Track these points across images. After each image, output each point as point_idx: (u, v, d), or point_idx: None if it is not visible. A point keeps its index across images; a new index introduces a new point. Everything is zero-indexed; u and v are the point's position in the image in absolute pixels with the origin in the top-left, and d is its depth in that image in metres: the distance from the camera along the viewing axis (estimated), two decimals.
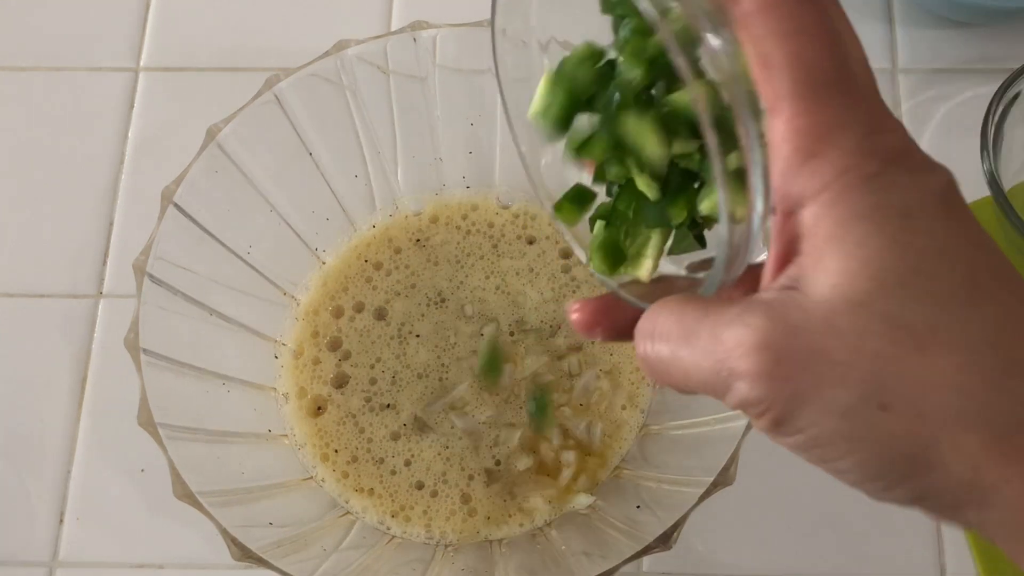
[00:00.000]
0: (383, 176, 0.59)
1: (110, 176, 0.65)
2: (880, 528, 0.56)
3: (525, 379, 0.56)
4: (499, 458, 0.54)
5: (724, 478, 0.46)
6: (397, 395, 0.56)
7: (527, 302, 0.58)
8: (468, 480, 0.54)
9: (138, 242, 0.51)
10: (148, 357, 0.49)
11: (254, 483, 0.52)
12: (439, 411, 0.56)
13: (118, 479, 0.59)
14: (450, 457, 0.55)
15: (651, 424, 0.55)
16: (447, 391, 0.56)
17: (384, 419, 0.56)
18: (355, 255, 0.59)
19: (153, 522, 0.58)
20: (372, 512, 0.54)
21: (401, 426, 0.55)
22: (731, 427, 0.47)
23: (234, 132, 0.53)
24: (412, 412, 0.56)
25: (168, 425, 0.48)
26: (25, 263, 0.64)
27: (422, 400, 0.56)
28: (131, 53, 0.69)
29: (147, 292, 0.50)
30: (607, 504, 0.53)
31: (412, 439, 0.55)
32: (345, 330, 0.58)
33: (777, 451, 0.56)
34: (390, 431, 0.55)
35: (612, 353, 0.57)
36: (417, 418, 0.55)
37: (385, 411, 0.56)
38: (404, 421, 0.55)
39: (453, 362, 0.57)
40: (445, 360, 0.57)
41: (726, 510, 0.55)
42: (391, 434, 0.55)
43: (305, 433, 0.56)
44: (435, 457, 0.55)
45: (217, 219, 0.54)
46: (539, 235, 0.60)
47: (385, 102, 0.57)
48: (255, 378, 0.56)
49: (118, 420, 0.52)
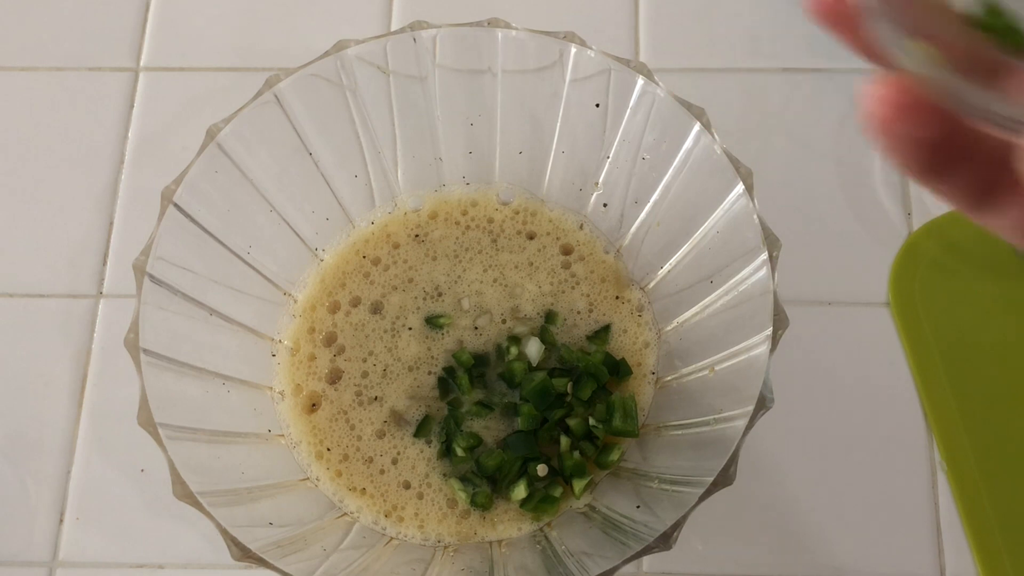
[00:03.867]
0: (383, 176, 0.59)
1: (110, 176, 0.65)
2: (880, 528, 0.56)
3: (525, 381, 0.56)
4: (487, 471, 0.55)
5: (724, 478, 0.45)
6: (386, 388, 0.56)
7: (524, 294, 0.58)
8: (449, 483, 0.55)
9: (138, 242, 0.51)
10: (148, 357, 0.49)
11: (254, 483, 0.51)
12: (421, 409, 0.56)
13: (118, 479, 0.59)
14: (431, 459, 0.55)
15: (651, 423, 0.55)
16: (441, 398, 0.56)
17: (371, 414, 0.56)
18: (353, 251, 0.60)
19: (153, 522, 0.58)
20: (366, 512, 0.54)
21: (383, 422, 0.56)
22: (731, 427, 0.47)
23: (234, 132, 0.53)
24: (391, 407, 0.56)
25: (168, 425, 0.47)
26: (25, 263, 0.64)
27: (407, 393, 0.56)
28: (131, 53, 0.69)
29: (147, 292, 0.50)
30: (607, 504, 0.53)
31: (396, 436, 0.55)
32: (340, 325, 0.58)
33: (777, 451, 0.56)
34: (375, 428, 0.56)
35: (609, 348, 0.57)
36: (394, 412, 0.56)
37: (372, 404, 0.56)
38: (385, 417, 0.56)
39: (442, 354, 0.57)
40: (435, 352, 0.57)
41: (726, 510, 0.56)
42: (376, 432, 0.56)
43: (300, 431, 0.56)
44: (418, 456, 0.55)
45: (217, 219, 0.54)
46: (539, 231, 0.60)
47: (385, 102, 0.57)
48: (254, 377, 0.56)
49: (118, 420, 0.52)
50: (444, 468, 0.55)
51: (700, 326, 0.54)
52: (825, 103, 0.65)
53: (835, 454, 0.58)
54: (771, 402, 0.46)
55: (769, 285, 0.48)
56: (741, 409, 0.47)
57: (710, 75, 0.66)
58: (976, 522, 0.56)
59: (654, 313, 0.57)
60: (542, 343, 0.56)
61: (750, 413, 0.46)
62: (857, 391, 0.59)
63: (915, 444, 0.58)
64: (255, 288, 0.57)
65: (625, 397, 0.54)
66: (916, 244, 0.61)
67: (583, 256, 0.59)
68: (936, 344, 0.59)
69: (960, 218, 0.59)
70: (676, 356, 0.55)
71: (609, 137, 0.56)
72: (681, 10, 0.68)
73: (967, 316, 0.59)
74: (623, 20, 0.68)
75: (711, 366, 0.52)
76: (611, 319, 0.57)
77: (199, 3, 0.70)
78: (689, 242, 0.54)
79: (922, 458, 0.57)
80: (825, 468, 0.57)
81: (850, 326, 0.60)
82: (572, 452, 0.54)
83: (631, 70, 0.53)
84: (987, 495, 0.56)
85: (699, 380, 0.53)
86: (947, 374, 0.58)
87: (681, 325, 0.55)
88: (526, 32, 0.54)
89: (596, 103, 0.55)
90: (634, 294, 0.58)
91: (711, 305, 0.53)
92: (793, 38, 0.67)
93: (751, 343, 0.49)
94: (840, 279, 0.61)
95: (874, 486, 0.57)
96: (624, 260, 0.59)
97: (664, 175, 0.55)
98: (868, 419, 0.58)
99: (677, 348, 0.56)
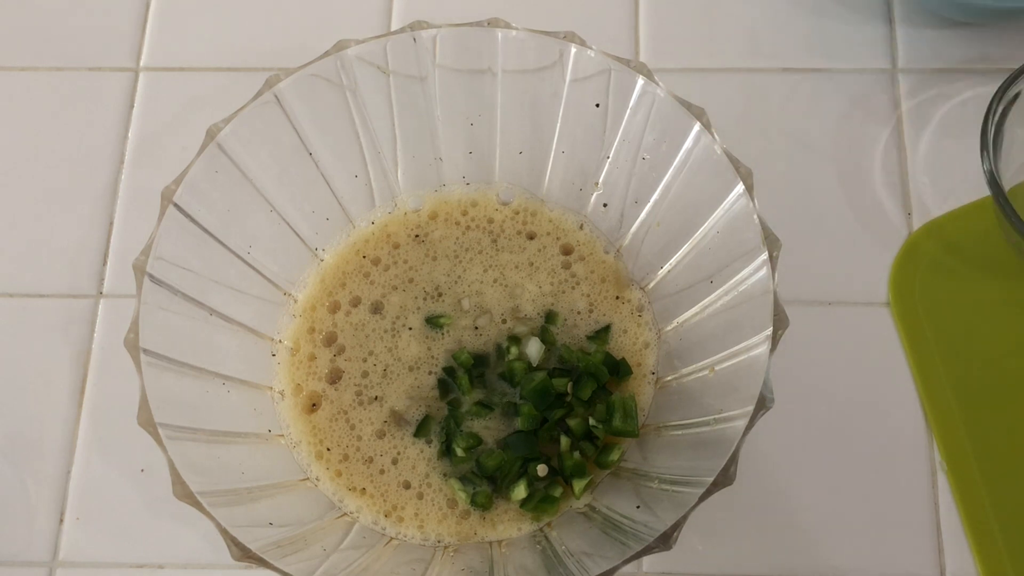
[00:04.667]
0: (383, 176, 0.59)
1: (110, 176, 0.65)
2: (880, 528, 0.56)
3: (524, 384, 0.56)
4: (487, 471, 0.54)
5: (724, 478, 0.45)
6: (386, 388, 0.56)
7: (524, 294, 0.58)
8: (450, 483, 0.55)
9: (138, 242, 0.51)
10: (148, 357, 0.48)
11: (254, 483, 0.51)
12: (421, 409, 0.56)
13: (118, 479, 0.58)
14: (431, 459, 0.55)
15: (651, 423, 0.55)
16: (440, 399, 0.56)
17: (371, 414, 0.56)
18: (353, 251, 0.59)
19: (153, 522, 0.57)
20: (366, 512, 0.54)
21: (383, 423, 0.55)
22: (731, 427, 0.47)
23: (234, 132, 0.53)
24: (391, 407, 0.56)
25: (168, 425, 0.47)
26: (25, 263, 0.64)
27: (407, 393, 0.56)
28: (131, 53, 0.69)
29: (147, 292, 0.50)
30: (607, 504, 0.52)
31: (396, 436, 0.55)
32: (341, 325, 0.58)
33: (777, 451, 0.57)
34: (375, 428, 0.55)
35: (609, 347, 0.57)
36: (394, 412, 0.55)
37: (373, 404, 0.56)
38: (385, 417, 0.56)
39: (442, 354, 0.57)
40: (435, 352, 0.57)
41: (726, 510, 0.56)
42: (376, 432, 0.55)
43: (300, 431, 0.56)
44: (418, 456, 0.55)
45: (217, 219, 0.53)
46: (539, 231, 0.60)
47: (385, 102, 0.56)
48: (254, 377, 0.56)
49: (118, 420, 0.52)
50: (444, 468, 0.55)
51: (700, 326, 0.54)
52: (825, 103, 0.65)
53: (835, 454, 0.57)
54: (771, 402, 0.46)
55: (769, 285, 0.48)
56: (741, 409, 0.47)
57: (710, 75, 0.66)
58: (976, 522, 0.55)
59: (654, 313, 0.57)
60: (542, 343, 0.56)
61: (750, 413, 0.46)
62: (857, 391, 0.59)
63: (915, 444, 0.58)
64: (255, 288, 0.56)
65: (625, 397, 0.54)
66: (916, 244, 0.61)
67: (583, 256, 0.59)
68: (936, 344, 0.59)
69: (960, 218, 0.60)
70: (676, 356, 0.55)
71: (609, 137, 0.56)
72: (681, 10, 0.68)
73: (967, 316, 0.59)
74: (623, 20, 0.68)
75: (711, 366, 0.52)
76: (611, 319, 0.57)
77: (199, 4, 0.70)
78: (689, 242, 0.54)
79: (922, 458, 0.57)
80: (825, 468, 0.57)
81: (850, 326, 0.60)
82: (572, 452, 0.54)
83: (631, 70, 0.53)
84: (987, 495, 0.56)
85: (699, 380, 0.52)
86: (947, 374, 0.58)
87: (681, 325, 0.55)
88: (526, 32, 0.54)
89: (596, 103, 0.55)
90: (634, 294, 0.58)
91: (711, 305, 0.53)
92: (793, 38, 0.67)
93: (751, 343, 0.49)
94: (840, 279, 0.61)
95: (874, 486, 0.57)
96: (624, 260, 0.58)
97: (664, 175, 0.55)
98: (868, 419, 0.58)
99: (677, 348, 0.55)
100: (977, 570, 0.55)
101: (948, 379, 0.58)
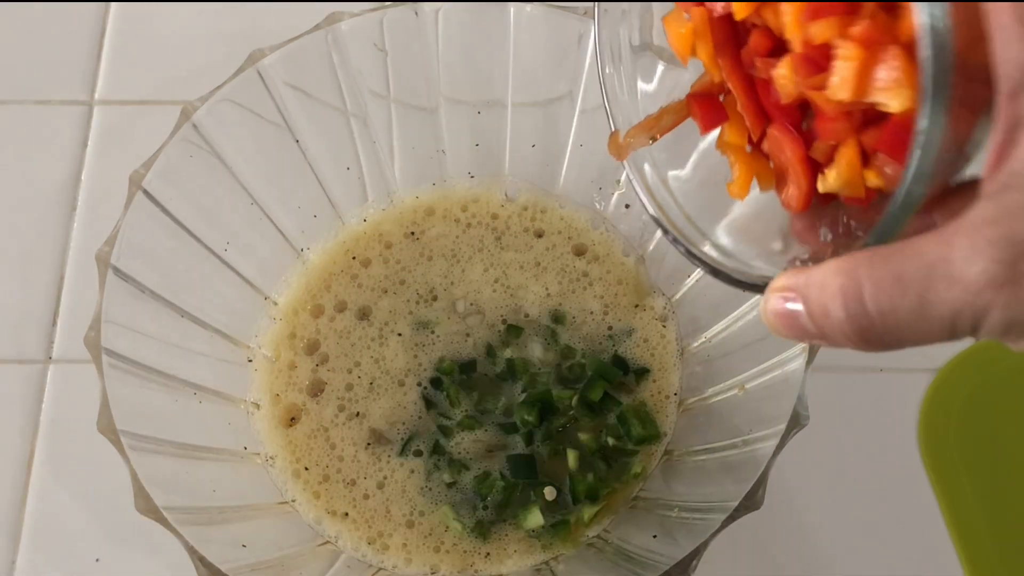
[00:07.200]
0: (378, 168, 0.58)
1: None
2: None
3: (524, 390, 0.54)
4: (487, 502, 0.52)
5: (751, 502, 0.43)
6: (370, 404, 0.54)
7: (527, 295, 0.56)
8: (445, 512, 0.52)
9: (103, 233, 0.48)
10: (110, 359, 0.47)
11: (225, 503, 0.49)
12: (408, 427, 0.53)
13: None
14: (420, 483, 0.52)
15: (674, 449, 0.53)
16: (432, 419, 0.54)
17: (353, 432, 0.54)
18: (342, 251, 0.58)
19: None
20: (347, 537, 0.52)
21: (366, 443, 0.53)
22: (760, 448, 0.45)
23: (211, 112, 0.51)
24: (374, 425, 0.54)
25: (131, 433, 0.45)
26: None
27: (393, 409, 0.54)
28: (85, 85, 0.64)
29: (111, 287, 0.48)
30: (620, 535, 0.50)
31: (382, 457, 0.53)
32: (324, 331, 0.56)
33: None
34: (358, 448, 0.53)
35: (627, 355, 0.54)
36: (376, 431, 0.53)
37: (355, 420, 0.54)
38: (367, 436, 0.53)
39: (432, 363, 0.55)
40: (423, 361, 0.55)
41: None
42: (359, 451, 0.53)
43: (276, 444, 0.54)
44: (407, 479, 0.52)
45: (191, 210, 0.52)
46: (549, 229, 0.58)
47: (382, 84, 0.55)
48: (228, 388, 0.54)
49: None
50: (436, 493, 0.52)
51: (731, 339, 0.52)
52: None
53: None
54: (806, 419, 0.45)
55: None
56: (772, 428, 0.45)
57: None
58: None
59: (679, 324, 0.55)
60: (545, 345, 0.54)
61: (782, 432, 0.44)
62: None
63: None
64: (232, 289, 0.55)
65: (635, 404, 0.53)
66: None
67: (598, 256, 0.57)
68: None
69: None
70: (703, 375, 0.54)
71: None
72: None
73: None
74: None
75: (742, 384, 0.50)
76: (629, 324, 0.55)
77: (159, 30, 0.66)
78: None
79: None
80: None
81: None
82: (585, 475, 0.52)
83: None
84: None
85: (727, 400, 0.51)
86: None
87: (710, 340, 0.53)
88: (542, 7, 0.53)
89: None
90: (657, 302, 0.56)
91: (743, 316, 0.51)
92: None
93: (786, 356, 0.47)
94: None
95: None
96: (647, 266, 0.56)
97: None
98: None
99: (704, 366, 0.54)
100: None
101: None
